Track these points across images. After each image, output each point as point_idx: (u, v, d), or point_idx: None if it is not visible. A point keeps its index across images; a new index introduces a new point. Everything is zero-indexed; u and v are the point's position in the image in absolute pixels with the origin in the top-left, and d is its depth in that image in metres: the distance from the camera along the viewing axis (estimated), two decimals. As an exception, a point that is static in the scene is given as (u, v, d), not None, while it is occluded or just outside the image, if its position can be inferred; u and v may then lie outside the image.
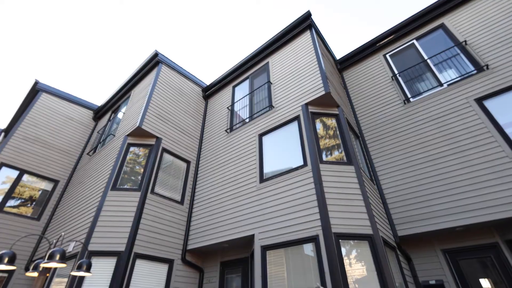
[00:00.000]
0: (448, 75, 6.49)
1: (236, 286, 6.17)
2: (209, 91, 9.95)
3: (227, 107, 8.73)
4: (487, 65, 5.91)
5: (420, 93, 6.63)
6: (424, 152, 5.89)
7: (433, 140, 5.88)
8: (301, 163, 5.57)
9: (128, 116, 8.29)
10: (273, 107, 7.07)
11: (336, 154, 5.65)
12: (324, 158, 5.52)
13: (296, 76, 7.08)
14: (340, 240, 4.44)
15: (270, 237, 5.12)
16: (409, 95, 6.82)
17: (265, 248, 5.10)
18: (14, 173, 8.40)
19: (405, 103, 6.72)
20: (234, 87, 9.21)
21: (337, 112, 6.23)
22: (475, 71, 6.06)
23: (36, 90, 10.03)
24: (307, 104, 6.28)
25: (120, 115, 9.19)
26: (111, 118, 9.96)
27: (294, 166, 5.66)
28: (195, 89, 9.86)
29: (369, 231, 4.51)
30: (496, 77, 5.71)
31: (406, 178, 5.91)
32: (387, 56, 7.90)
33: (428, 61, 6.91)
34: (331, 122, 6.15)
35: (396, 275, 4.70)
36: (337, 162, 5.42)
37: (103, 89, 54.05)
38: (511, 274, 4.63)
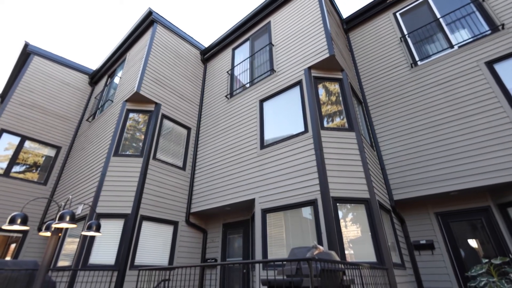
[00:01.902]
0: (460, 35, 6.12)
1: (238, 246, 6.58)
2: (208, 54, 9.51)
3: (227, 72, 8.43)
4: (503, 25, 5.54)
5: (429, 56, 6.32)
6: (427, 118, 5.82)
7: (438, 106, 5.76)
8: (302, 129, 5.54)
9: (125, 81, 8.05)
10: (275, 71, 6.81)
11: (337, 121, 5.59)
12: (326, 125, 5.47)
13: (299, 37, 6.69)
14: (337, 204, 4.60)
15: (270, 201, 5.30)
16: (417, 58, 6.52)
17: (265, 211, 5.31)
18: (16, 140, 8.46)
19: (412, 67, 6.45)
20: (234, 49, 8.78)
21: (340, 77, 6.01)
22: (489, 31, 5.70)
23: (27, 53, 9.62)
24: (310, 68, 6.04)
25: (116, 79, 8.93)
26: (107, 83, 9.70)
27: (295, 133, 5.64)
28: (193, 52, 9.42)
29: (366, 195, 4.65)
30: (511, 38, 5.39)
31: (406, 144, 5.92)
32: (397, 14, 7.37)
33: (441, 20, 6.47)
34: (334, 87, 5.97)
35: (389, 236, 4.96)
36: (338, 129, 5.38)
37: (97, 51, 51.81)
38: (499, 236, 4.88)
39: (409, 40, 6.84)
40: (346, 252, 4.24)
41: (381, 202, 5.02)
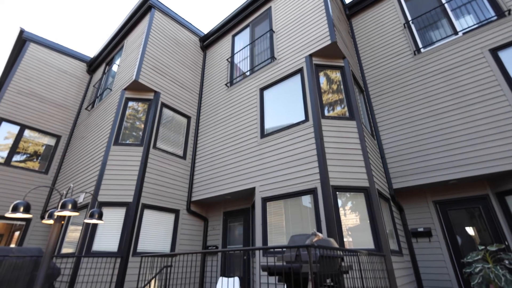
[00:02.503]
0: (465, 22, 5.98)
1: (238, 234, 6.68)
2: (207, 41, 9.33)
3: (227, 59, 8.29)
4: (509, 10, 5.40)
5: (433, 43, 6.20)
6: (428, 107, 5.77)
7: (439, 95, 5.71)
8: (303, 118, 5.51)
9: (123, 69, 7.94)
10: (275, 58, 6.70)
11: (338, 110, 5.55)
12: (326, 113, 5.43)
13: (301, 23, 6.54)
14: (337, 192, 4.63)
15: (270, 189, 5.34)
16: (420, 45, 6.39)
17: (265, 200, 5.36)
18: (15, 128, 8.44)
19: (415, 54, 6.34)
20: (233, 36, 8.61)
21: (342, 64, 5.92)
22: (495, 17, 5.57)
23: (23, 40, 9.44)
24: (311, 56, 5.94)
25: (115, 67, 8.80)
26: (105, 71, 9.58)
27: (295, 122, 5.61)
28: (192, 39, 9.24)
29: (365, 184, 4.68)
30: (518, 25, 5.27)
31: (407, 133, 5.91)
32: (402, -1, 7.17)
33: (446, 5, 6.31)
34: (336, 75, 5.89)
35: (388, 224, 5.03)
36: (339, 117, 5.35)
37: (95, 38, 50.85)
38: (496, 223, 4.95)
39: (412, 26, 6.69)
40: (345, 239, 4.31)
41: (380, 191, 5.06)
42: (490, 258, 4.28)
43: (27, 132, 8.67)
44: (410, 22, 6.74)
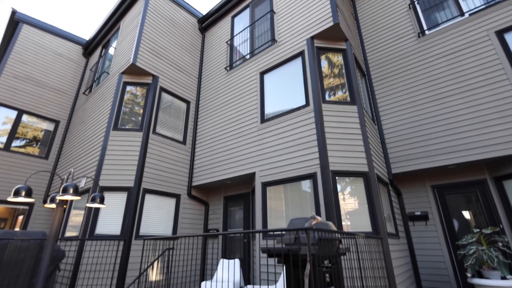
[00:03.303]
0: (472, 2, 5.78)
1: (239, 218, 6.80)
2: (206, 23, 9.05)
3: (226, 42, 8.08)
4: (519, -10, 5.20)
5: (438, 25, 6.03)
6: (431, 91, 5.70)
7: (443, 78, 5.62)
8: (303, 103, 5.45)
9: (120, 52, 7.75)
10: (276, 41, 6.53)
11: (339, 94, 5.47)
12: (327, 98, 5.36)
13: (302, 3, 6.32)
14: (336, 177, 4.67)
15: (271, 174, 5.38)
16: (425, 27, 6.21)
17: (265, 185, 5.41)
18: (13, 113, 8.36)
19: (419, 36, 6.18)
20: (233, 17, 8.34)
21: (344, 47, 5.78)
22: (504, -2, 5.37)
23: (15, 21, 9.15)
24: (312, 38, 5.78)
25: (111, 50, 8.59)
26: (102, 54, 9.36)
27: (296, 106, 5.55)
28: (190, 20, 8.96)
29: (365, 169, 4.70)
30: (527, 5, 5.10)
31: (408, 118, 5.87)
32: (407, -22, 6.89)
33: (453, -15, 6.07)
34: (337, 59, 5.77)
35: (386, 208, 5.11)
36: (340, 102, 5.29)
37: (90, 20, 49.33)
38: (492, 207, 5.02)
39: (418, 7, 6.48)
40: (343, 223, 4.38)
41: (379, 176, 5.09)
42: (484, 241, 4.38)
43: (25, 117, 8.60)
44: (416, 3, 6.52)
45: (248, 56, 7.22)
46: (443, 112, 5.43)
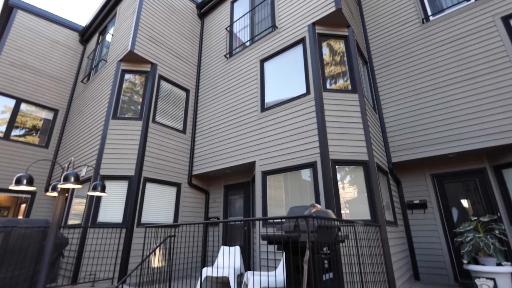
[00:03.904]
0: (479, -14, 5.60)
1: (239, 206, 6.87)
2: (205, 8, 8.83)
3: (226, 28, 7.91)
4: (528, -26, 5.03)
5: (443, 10, 5.88)
6: (433, 79, 5.62)
7: (445, 66, 5.53)
8: (304, 91, 5.39)
9: (117, 39, 7.60)
10: (277, 27, 6.38)
11: (341, 82, 5.40)
12: (328, 86, 5.30)
13: (303, -11, 6.13)
14: (336, 166, 4.68)
15: (271, 163, 5.39)
16: (429, 13, 6.06)
17: (265, 173, 5.43)
18: (11, 102, 8.31)
19: (423, 22, 6.04)
20: (232, 2, 8.12)
21: (346, 34, 5.66)
22: (512, -18, 5.21)
23: (10, 7, 8.94)
24: (314, 24, 5.65)
25: (108, 37, 8.43)
26: (99, 41, 9.19)
27: (296, 95, 5.50)
28: (188, 6, 8.74)
29: (365, 158, 4.70)
30: (535, -10, 4.95)
31: (409, 106, 5.82)
32: (413, -39, 6.65)
33: (460, -32, 5.87)
34: (339, 46, 5.65)
35: (385, 196, 5.14)
36: (341, 90, 5.23)
37: (85, 5, 48.12)
38: (491, 196, 5.06)
39: (423, -9, 6.29)
40: (342, 211, 4.43)
41: (379, 164, 5.10)
42: (481, 228, 4.44)
43: (23, 106, 8.54)
44: (421, -13, 6.32)
45: (248, 43, 7.08)
46: (445, 101, 5.38)
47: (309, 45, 5.53)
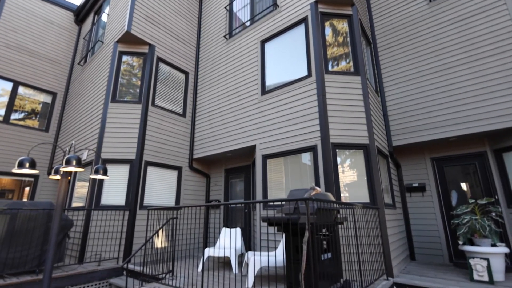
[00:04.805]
0: (490, -39, 5.33)
1: (240, 189, 6.96)
2: (202, -14, 8.48)
3: (225, 7, 7.64)
4: None
5: (451, -12, 5.63)
6: (438, 60, 5.49)
7: (451, 47, 5.38)
8: (305, 73, 5.28)
9: (113, 19, 7.37)
10: (278, 6, 6.16)
11: (343, 64, 5.28)
12: (330, 68, 5.18)
13: (306, -35, 5.84)
14: (337, 150, 4.68)
15: (271, 147, 5.39)
16: (437, -9, 5.81)
17: (265, 157, 5.45)
18: (8, 85, 8.21)
19: (430, 1, 5.81)
20: (231, -20, 7.78)
21: (350, 13, 5.46)
22: (526, -44, 4.94)
23: (0, -14, 8.59)
24: (316, 2, 5.44)
25: (104, 17, 8.17)
26: (95, 22, 8.92)
27: (297, 77, 5.40)
28: (185, -17, 8.38)
29: (365, 142, 4.69)
30: (550, -35, 4.71)
31: (412, 89, 5.73)
32: None
33: None
34: (342, 26, 5.47)
35: (384, 179, 5.19)
36: (343, 73, 5.12)
37: (79, -16, 46.19)
38: (489, 179, 5.10)
39: (431, -33, 6.00)
40: (342, 194, 4.48)
41: (379, 148, 5.10)
42: (478, 211, 4.51)
43: (21, 89, 8.45)
44: (429, -38, 6.02)
45: (248, 23, 6.86)
46: (449, 83, 5.29)
47: (311, 25, 5.36)
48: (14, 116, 8.18)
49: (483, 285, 3.74)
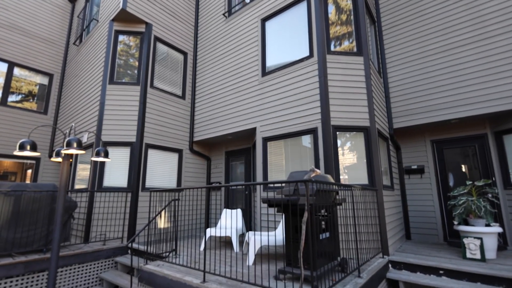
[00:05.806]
0: None
1: (240, 172, 7.02)
2: (200, -40, 8.05)
3: (223, -17, 7.30)
4: None
5: (462, -39, 5.35)
6: (443, 40, 5.34)
7: (458, 26, 5.21)
8: (307, 54, 5.15)
9: (107, -4, 7.07)
10: (278, -18, 5.88)
11: (346, 44, 5.13)
12: (332, 48, 5.05)
13: None
14: (337, 132, 4.67)
15: (271, 129, 5.37)
16: (446, -35, 5.53)
17: (266, 140, 5.45)
18: (3, 66, 8.03)
19: (438, -24, 5.54)
20: (230, -47, 7.38)
21: (354, -10, 5.22)
22: None
23: (-14, -40, 8.16)
24: (319, -22, 5.19)
25: (97, -6, 7.83)
26: (88, -1, 8.56)
27: (299, 58, 5.27)
28: (182, -43, 7.95)
29: (366, 124, 4.67)
30: None
31: (415, 70, 5.61)
32: None
33: None
34: (346, 3, 5.26)
35: (383, 162, 5.22)
36: (346, 53, 4.99)
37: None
38: (488, 161, 5.13)
39: None
40: (341, 176, 4.53)
41: (380, 130, 5.08)
42: (475, 192, 4.58)
43: (17, 71, 8.28)
44: None
45: (248, 0, 6.59)
46: (453, 64, 5.17)
47: (313, 2, 5.14)
48: (11, 98, 8.08)
49: (474, 262, 3.87)
